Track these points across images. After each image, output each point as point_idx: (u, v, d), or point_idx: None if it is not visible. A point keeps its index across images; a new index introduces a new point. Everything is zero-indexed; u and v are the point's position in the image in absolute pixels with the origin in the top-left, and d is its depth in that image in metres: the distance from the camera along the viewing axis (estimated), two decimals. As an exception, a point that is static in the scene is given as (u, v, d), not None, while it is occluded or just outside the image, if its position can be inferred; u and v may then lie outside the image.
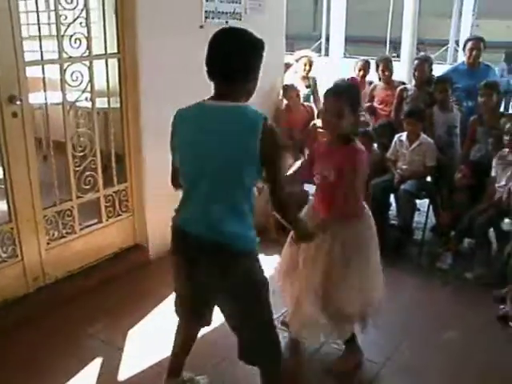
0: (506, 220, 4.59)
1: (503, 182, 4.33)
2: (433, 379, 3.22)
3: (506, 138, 4.30)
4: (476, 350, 3.45)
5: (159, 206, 3.92)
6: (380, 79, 5.89)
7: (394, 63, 5.98)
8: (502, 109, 5.52)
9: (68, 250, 4.05)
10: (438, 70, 6.03)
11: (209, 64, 2.30)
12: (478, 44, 5.55)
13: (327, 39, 19.01)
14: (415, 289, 4.33)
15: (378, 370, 3.25)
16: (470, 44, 5.58)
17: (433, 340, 3.57)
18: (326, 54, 18.86)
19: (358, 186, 2.97)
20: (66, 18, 3.76)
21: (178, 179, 2.49)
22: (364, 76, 6.10)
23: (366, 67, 6.09)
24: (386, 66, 5.77)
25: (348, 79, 5.20)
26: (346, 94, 2.93)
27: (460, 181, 4.63)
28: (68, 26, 3.79)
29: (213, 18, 4.54)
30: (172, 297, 2.81)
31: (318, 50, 19.82)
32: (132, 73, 4.13)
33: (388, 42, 19.08)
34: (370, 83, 6.07)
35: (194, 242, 2.39)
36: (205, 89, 2.47)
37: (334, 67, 13.94)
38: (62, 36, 3.75)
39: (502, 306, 3.82)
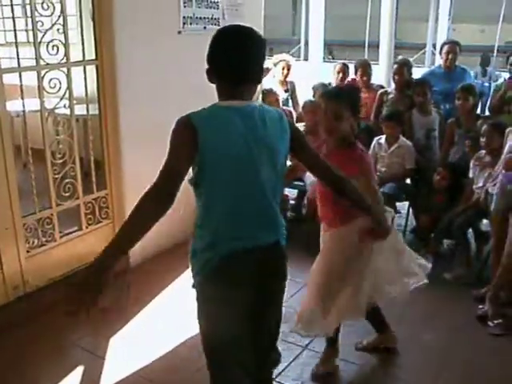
0: (484, 221, 4.65)
1: (480, 184, 4.38)
2: (413, 378, 3.24)
3: (483, 139, 4.36)
4: (456, 350, 3.48)
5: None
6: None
7: (372, 67, 6.03)
8: (478, 111, 5.57)
9: (48, 258, 4.02)
10: (417, 73, 6.08)
11: (234, 66, 2.08)
12: (453, 47, 5.62)
13: (306, 43, 19.08)
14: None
15: (360, 372, 3.27)
16: (446, 47, 5.66)
17: (413, 340, 3.59)
18: (306, 59, 18.92)
19: (374, 187, 2.90)
20: (43, 24, 3.75)
21: (175, 190, 1.93)
22: (343, 79, 6.13)
23: (344, 70, 6.11)
24: (365, 71, 5.81)
25: (348, 81, 5.11)
26: (346, 96, 2.94)
27: (439, 183, 4.67)
28: (45, 32, 3.77)
29: (191, 24, 4.56)
30: (153, 303, 2.79)
31: (298, 55, 19.90)
32: (110, 79, 4.12)
33: (367, 46, 19.20)
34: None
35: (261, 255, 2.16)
36: (184, 94, 2.49)
37: (313, 71, 13.98)
38: (39, 43, 3.74)
39: (480, 306, 3.86)
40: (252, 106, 2.10)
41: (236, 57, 2.07)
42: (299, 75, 6.79)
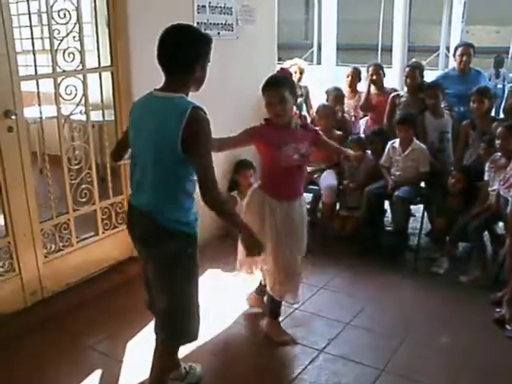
0: (500, 223, 4.63)
1: (496, 186, 4.35)
2: (430, 382, 3.23)
3: (498, 142, 4.34)
4: (474, 353, 3.47)
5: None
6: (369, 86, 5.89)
7: (386, 70, 6.01)
8: (492, 113, 5.54)
9: (65, 263, 4.06)
10: (430, 76, 6.07)
11: (157, 58, 2.53)
12: (467, 50, 5.60)
13: (319, 48, 19.10)
14: (412, 293, 4.36)
15: (377, 376, 3.26)
16: (459, 50, 5.64)
17: (430, 344, 3.58)
18: (319, 63, 18.94)
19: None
20: (59, 32, 3.80)
21: (118, 153, 2.89)
22: (353, 83, 6.10)
23: (355, 74, 6.09)
24: (376, 71, 5.79)
25: (278, 71, 5.21)
26: (284, 82, 3.26)
27: (453, 186, 4.66)
28: (61, 40, 3.83)
29: (205, 30, 4.58)
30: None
31: (311, 59, 19.93)
32: (125, 85, 4.16)
33: (380, 50, 19.20)
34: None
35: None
36: (198, 99, 2.51)
37: (326, 75, 14.00)
38: (56, 50, 3.79)
39: (498, 309, 3.84)
40: (153, 96, 2.56)
41: (158, 50, 2.51)
42: (312, 79, 6.81)
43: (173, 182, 2.53)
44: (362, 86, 6.07)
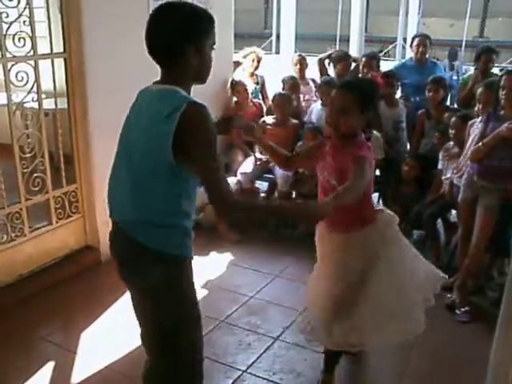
0: (454, 212, 4.72)
1: (449, 175, 4.43)
2: (382, 364, 3.30)
3: (451, 131, 4.42)
4: (425, 337, 3.54)
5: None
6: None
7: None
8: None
9: (18, 253, 3.98)
10: (387, 66, 6.13)
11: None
12: (424, 41, 5.68)
13: (278, 37, 19.09)
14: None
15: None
16: (416, 40, 5.71)
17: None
18: (277, 52, 18.93)
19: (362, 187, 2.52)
20: (8, 15, 3.69)
21: None
22: (301, 70, 6.12)
23: (302, 61, 6.12)
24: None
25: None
26: (356, 89, 2.63)
27: (407, 173, 4.73)
28: (10, 24, 3.71)
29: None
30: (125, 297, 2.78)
31: (269, 48, 19.89)
32: (79, 72, 4.09)
33: (338, 40, 19.29)
34: (313, 80, 6.09)
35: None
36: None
37: (284, 64, 14.01)
38: (5, 35, 3.68)
39: (449, 295, 3.93)
40: (149, 90, 2.15)
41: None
42: (270, 68, 6.80)
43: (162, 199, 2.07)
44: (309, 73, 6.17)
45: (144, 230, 2.07)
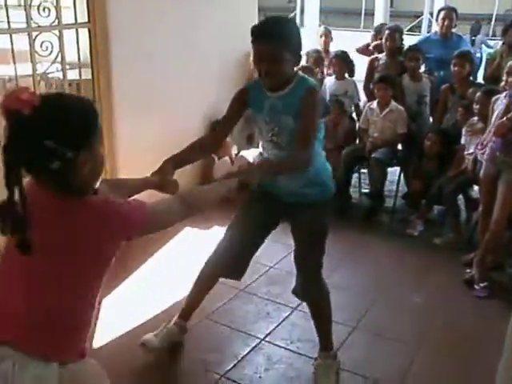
0: (476, 187, 4.69)
1: (471, 150, 4.40)
2: (400, 339, 3.31)
3: (476, 106, 4.37)
4: (441, 312, 3.57)
5: (132, 171, 3.93)
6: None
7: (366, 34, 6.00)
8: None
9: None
10: (413, 41, 6.05)
11: None
12: (450, 14, 5.58)
13: (302, 11, 18.92)
14: (386, 254, 4.42)
15: (349, 332, 3.33)
16: (442, 14, 5.61)
17: (402, 302, 3.68)
18: (302, 26, 18.78)
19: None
20: (33, -14, 3.71)
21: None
22: (326, 42, 6.12)
23: (327, 34, 6.10)
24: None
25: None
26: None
27: (430, 148, 4.70)
28: (35, -7, 3.73)
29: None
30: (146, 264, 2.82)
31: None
32: (103, 43, 4.10)
33: (363, 14, 19.07)
34: None
35: None
36: (181, 56, 2.46)
37: (308, 38, 13.90)
38: (30, 5, 3.70)
39: (468, 270, 3.93)
40: None
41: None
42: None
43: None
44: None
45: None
